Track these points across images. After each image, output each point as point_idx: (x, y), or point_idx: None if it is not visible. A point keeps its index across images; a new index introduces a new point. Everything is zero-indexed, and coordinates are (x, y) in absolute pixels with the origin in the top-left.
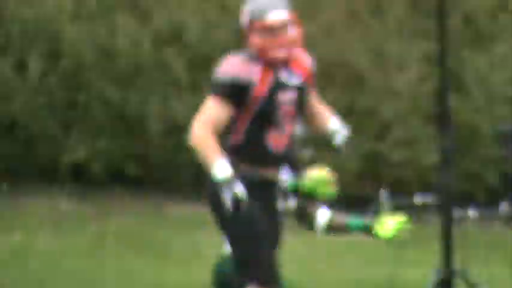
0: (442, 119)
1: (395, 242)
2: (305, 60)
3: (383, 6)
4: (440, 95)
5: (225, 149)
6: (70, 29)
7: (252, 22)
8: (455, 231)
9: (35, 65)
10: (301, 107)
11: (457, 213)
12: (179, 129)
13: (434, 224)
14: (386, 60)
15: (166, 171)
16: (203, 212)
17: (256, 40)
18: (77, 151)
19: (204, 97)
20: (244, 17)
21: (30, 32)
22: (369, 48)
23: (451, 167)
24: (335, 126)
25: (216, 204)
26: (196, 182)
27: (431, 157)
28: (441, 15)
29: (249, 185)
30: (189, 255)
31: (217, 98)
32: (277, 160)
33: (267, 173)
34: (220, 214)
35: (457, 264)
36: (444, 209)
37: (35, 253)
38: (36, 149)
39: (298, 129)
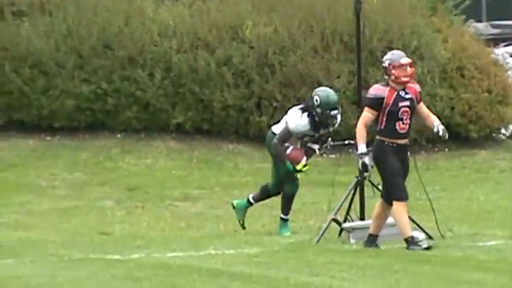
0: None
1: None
2: (415, 86)
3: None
4: (358, 91)
5: (378, 132)
6: None
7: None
8: None
9: None
10: (413, 110)
11: None
12: None
13: None
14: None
15: None
16: None
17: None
18: None
19: None
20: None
21: None
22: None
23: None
24: (437, 122)
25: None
26: None
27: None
28: (358, 52)
29: (388, 147)
30: None
31: (368, 110)
32: (404, 136)
33: (398, 141)
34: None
35: None
36: None
37: None
38: None
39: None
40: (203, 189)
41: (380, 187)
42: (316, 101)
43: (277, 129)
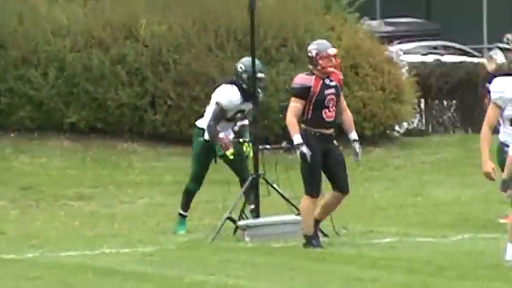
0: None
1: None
2: (338, 73)
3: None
4: (253, 88)
5: (303, 121)
6: None
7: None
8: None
9: None
10: (338, 97)
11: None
12: None
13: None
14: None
15: None
16: None
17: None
18: None
19: None
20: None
21: None
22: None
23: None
24: (355, 138)
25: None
26: None
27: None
28: (252, 50)
29: (313, 137)
30: None
31: (296, 100)
32: (329, 125)
33: (324, 131)
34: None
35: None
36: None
37: None
38: None
39: None
40: (97, 188)
41: (275, 185)
42: (241, 68)
43: (202, 123)
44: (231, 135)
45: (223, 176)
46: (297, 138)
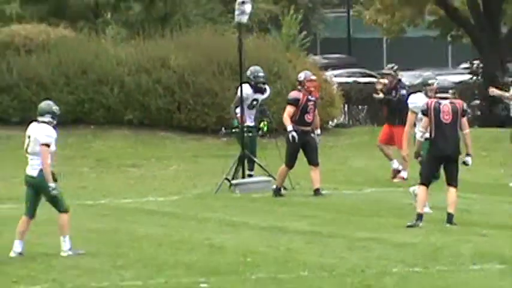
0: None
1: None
2: (316, 94)
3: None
4: (240, 99)
5: (293, 121)
6: None
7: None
8: None
9: None
10: (315, 107)
11: None
12: None
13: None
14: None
15: None
16: None
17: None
18: None
19: None
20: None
21: None
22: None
23: None
24: (318, 133)
25: (287, 139)
26: None
27: None
28: (241, 74)
29: (298, 131)
30: None
31: (289, 106)
32: (308, 124)
33: (306, 128)
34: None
35: None
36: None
37: None
38: None
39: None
40: (145, 160)
41: (256, 159)
42: (248, 73)
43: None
44: (251, 120)
45: (225, 153)
46: (290, 127)
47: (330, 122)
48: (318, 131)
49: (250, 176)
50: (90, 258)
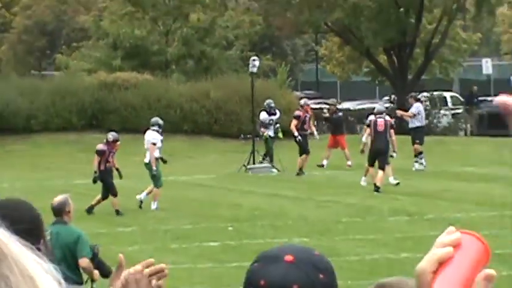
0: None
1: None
2: (311, 112)
3: (242, 104)
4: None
5: (298, 129)
6: None
7: (304, 104)
8: None
9: None
10: (310, 121)
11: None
12: None
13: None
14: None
15: None
16: None
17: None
18: None
19: None
20: (301, 102)
21: None
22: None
23: None
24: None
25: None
26: None
27: None
28: (252, 106)
29: (301, 136)
30: None
31: (294, 120)
32: (306, 130)
33: (305, 132)
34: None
35: None
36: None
37: None
38: None
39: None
40: (194, 152)
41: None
42: (265, 104)
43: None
44: (271, 132)
45: (242, 149)
46: (296, 133)
47: (308, 130)
48: (315, 132)
49: (271, 164)
50: (159, 212)
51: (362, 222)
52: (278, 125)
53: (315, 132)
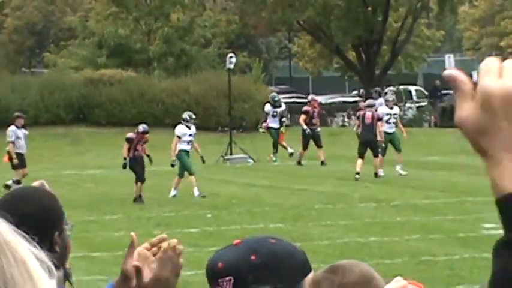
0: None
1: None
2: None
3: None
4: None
5: (306, 123)
6: None
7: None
8: None
9: None
10: (318, 115)
11: None
12: None
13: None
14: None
15: None
16: None
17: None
18: None
19: None
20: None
21: None
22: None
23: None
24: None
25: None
26: None
27: None
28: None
29: (309, 129)
30: None
31: (303, 114)
32: (314, 124)
33: (314, 127)
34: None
35: None
36: None
37: None
38: None
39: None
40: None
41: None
42: (270, 97)
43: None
44: (275, 124)
45: (220, 141)
46: (305, 127)
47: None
48: (318, 129)
49: (275, 154)
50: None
51: (333, 209)
52: (284, 119)
53: (318, 128)
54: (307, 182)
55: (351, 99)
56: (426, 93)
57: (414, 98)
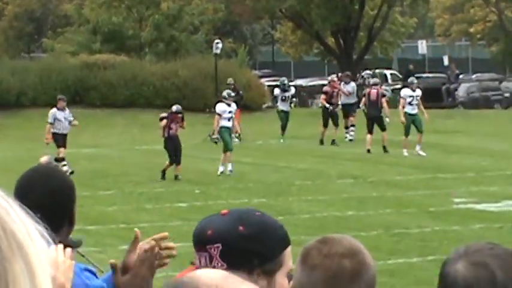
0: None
1: None
2: (338, 87)
3: (208, 81)
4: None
5: (326, 101)
6: None
7: (331, 80)
8: None
9: None
10: (337, 95)
11: None
12: None
13: None
14: None
15: None
16: None
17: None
18: None
19: None
20: (329, 79)
21: None
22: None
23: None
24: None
25: (323, 110)
26: None
27: None
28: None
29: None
30: None
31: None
32: (333, 104)
33: (331, 105)
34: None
35: None
36: None
37: None
38: None
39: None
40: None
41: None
42: (279, 82)
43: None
44: (285, 107)
45: (207, 122)
46: (328, 105)
47: (264, 105)
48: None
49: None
50: (136, 176)
51: (313, 185)
52: (294, 99)
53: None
54: (289, 160)
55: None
56: (400, 76)
57: (389, 81)
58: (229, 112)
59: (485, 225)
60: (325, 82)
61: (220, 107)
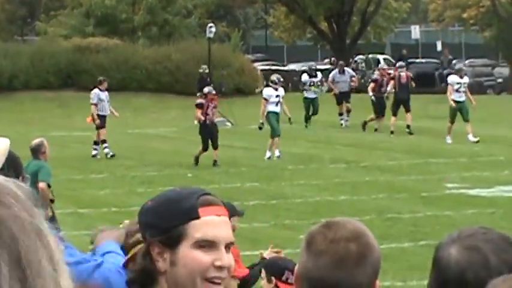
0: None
1: None
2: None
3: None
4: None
5: (376, 91)
6: None
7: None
8: None
9: None
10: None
11: None
12: None
13: None
14: None
15: None
16: None
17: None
18: None
19: None
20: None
21: None
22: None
23: None
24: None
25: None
26: None
27: None
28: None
29: (378, 98)
30: None
31: (372, 83)
32: (384, 92)
33: (382, 95)
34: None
35: None
36: None
37: None
38: None
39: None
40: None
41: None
42: (306, 67)
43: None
44: (312, 94)
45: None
46: (371, 94)
47: (257, 89)
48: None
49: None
50: (127, 160)
51: (306, 169)
52: (319, 85)
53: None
54: (281, 144)
55: (323, 67)
56: (393, 61)
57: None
58: (277, 96)
59: (478, 210)
60: (319, 67)
61: (267, 92)
